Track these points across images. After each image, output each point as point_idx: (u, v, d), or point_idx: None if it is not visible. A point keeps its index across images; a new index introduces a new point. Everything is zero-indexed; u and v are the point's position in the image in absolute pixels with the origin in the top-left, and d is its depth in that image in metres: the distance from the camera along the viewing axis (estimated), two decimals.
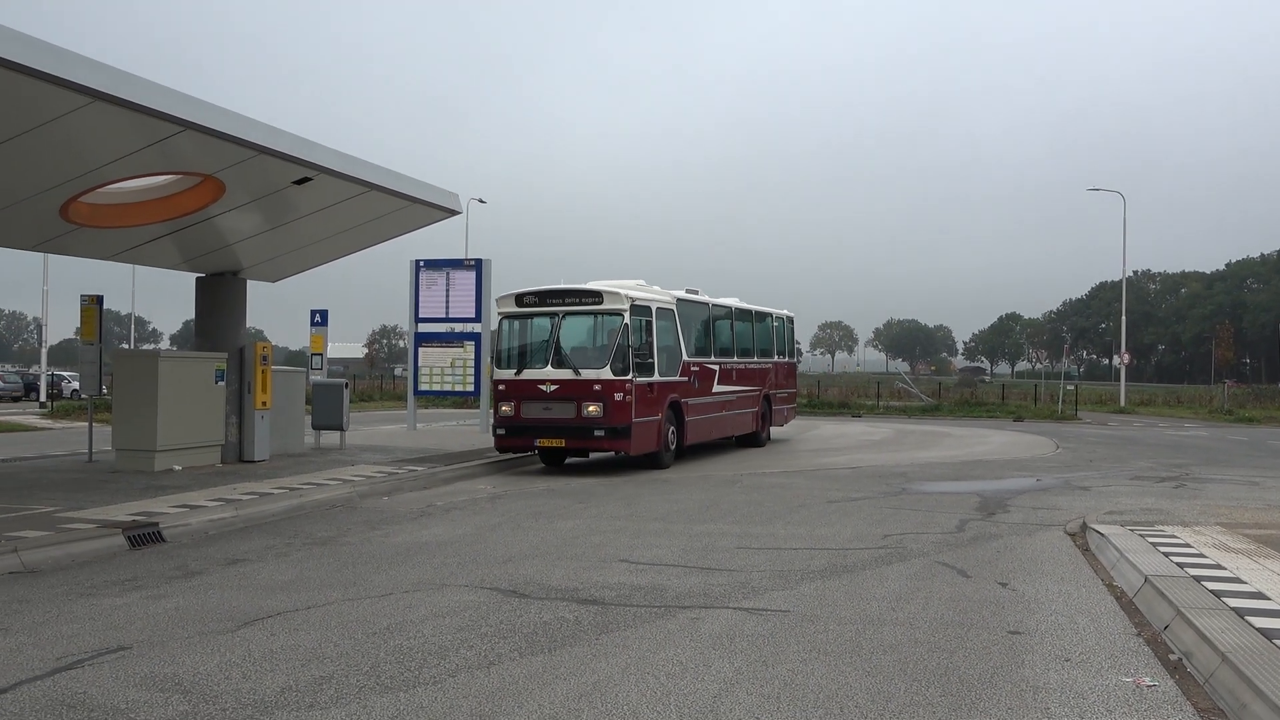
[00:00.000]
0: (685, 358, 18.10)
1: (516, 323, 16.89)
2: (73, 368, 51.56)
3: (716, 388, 19.59)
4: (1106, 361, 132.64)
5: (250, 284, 17.42)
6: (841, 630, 6.53)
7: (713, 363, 19.48)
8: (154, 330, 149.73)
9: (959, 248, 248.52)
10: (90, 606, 7.18)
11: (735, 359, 20.84)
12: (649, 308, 16.80)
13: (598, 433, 15.91)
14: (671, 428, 17.56)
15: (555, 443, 16.27)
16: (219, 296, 16.75)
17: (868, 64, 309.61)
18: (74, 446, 19.73)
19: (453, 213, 16.93)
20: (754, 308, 22.75)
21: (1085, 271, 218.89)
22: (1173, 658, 5.96)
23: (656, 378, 16.82)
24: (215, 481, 13.59)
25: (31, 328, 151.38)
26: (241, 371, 16.34)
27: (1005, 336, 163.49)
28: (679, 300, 18.32)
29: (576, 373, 16.03)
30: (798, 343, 27.09)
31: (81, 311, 16.53)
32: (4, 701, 5.08)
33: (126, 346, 76.61)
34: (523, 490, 14.42)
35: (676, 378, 17.68)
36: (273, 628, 6.57)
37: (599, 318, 16.68)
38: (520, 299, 16.74)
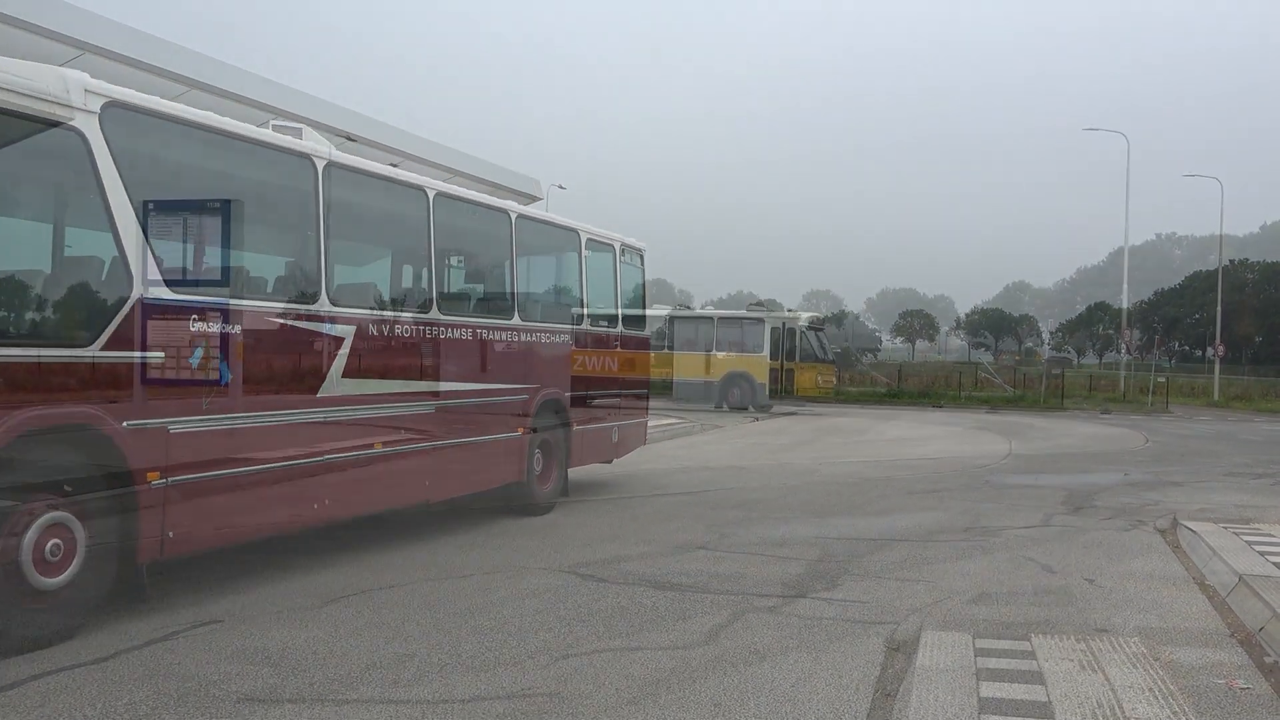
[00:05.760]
0: (137, 293, 6.05)
1: None
2: None
3: (342, 387, 7.84)
4: (1200, 353, 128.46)
5: None
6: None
7: (313, 318, 7.66)
8: None
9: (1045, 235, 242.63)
10: (183, 580, 7.41)
11: (438, 315, 9.18)
12: None
13: None
14: None
15: None
16: None
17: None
18: None
19: (534, 199, 17.03)
20: (516, 210, 11.08)
21: (1179, 261, 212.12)
22: (1268, 660, 5.76)
23: None
24: None
25: None
26: None
27: (1092, 326, 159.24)
28: (113, 108, 6.08)
29: None
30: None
31: None
32: (104, 669, 5.29)
33: None
34: None
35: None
36: (357, 605, 6.72)
37: None
38: None
